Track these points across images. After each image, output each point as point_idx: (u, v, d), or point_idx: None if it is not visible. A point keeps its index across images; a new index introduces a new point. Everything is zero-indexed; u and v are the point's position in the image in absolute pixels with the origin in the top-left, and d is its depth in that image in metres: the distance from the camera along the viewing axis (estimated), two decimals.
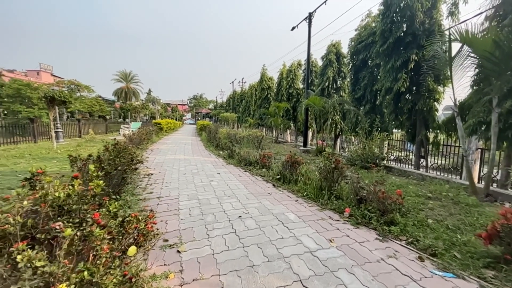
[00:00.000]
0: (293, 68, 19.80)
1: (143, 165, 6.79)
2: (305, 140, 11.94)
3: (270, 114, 17.06)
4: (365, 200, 3.76)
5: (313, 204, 4.09)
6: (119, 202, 3.30)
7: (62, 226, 1.54)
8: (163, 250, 2.56)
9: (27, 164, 7.11)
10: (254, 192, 4.65)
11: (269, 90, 24.30)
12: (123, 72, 48.73)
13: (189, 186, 5.00)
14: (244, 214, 3.52)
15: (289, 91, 19.24)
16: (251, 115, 27.64)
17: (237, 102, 37.04)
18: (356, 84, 10.86)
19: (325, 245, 2.71)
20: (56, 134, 12.45)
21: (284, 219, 3.37)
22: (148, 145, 12.31)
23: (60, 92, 10.38)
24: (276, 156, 8.99)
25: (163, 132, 21.15)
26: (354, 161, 7.58)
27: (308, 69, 12.84)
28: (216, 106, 65.77)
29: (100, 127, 20.12)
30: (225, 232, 2.95)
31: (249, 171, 6.70)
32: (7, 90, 30.02)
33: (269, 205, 3.94)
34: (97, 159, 3.23)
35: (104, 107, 42.50)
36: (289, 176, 5.41)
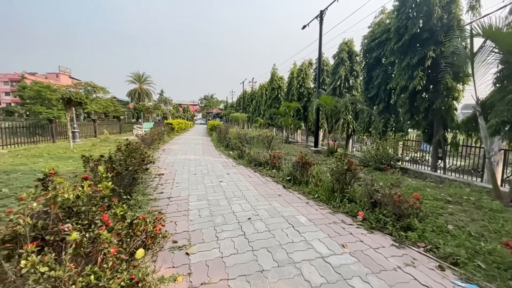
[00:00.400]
0: (304, 67, 19.55)
1: (154, 165, 6.88)
2: (316, 140, 11.74)
3: (280, 114, 16.93)
4: (380, 204, 3.61)
5: (324, 207, 3.98)
6: (127, 203, 3.33)
7: (71, 228, 1.54)
8: (172, 252, 2.54)
9: (45, 163, 7.37)
10: (264, 194, 4.59)
11: (280, 90, 24.14)
12: (136, 73, 49.99)
13: (199, 187, 5.00)
14: (253, 216, 3.46)
15: (299, 90, 19.02)
16: (261, 115, 27.58)
17: (247, 102, 37.08)
18: (369, 82, 10.56)
19: (337, 250, 2.60)
20: (73, 134, 12.89)
21: (294, 222, 3.29)
22: (159, 145, 12.50)
23: (77, 94, 10.74)
24: (287, 157, 8.88)
25: (174, 132, 21.48)
26: (368, 162, 7.35)
27: (320, 68, 12.62)
28: (227, 106, 66.20)
29: (114, 127, 20.68)
30: (234, 235, 2.90)
31: (259, 171, 6.64)
32: (29, 92, 31.55)
33: (279, 207, 3.86)
34: (108, 159, 3.27)
35: (118, 107, 43.79)
36: (300, 177, 5.30)
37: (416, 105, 7.35)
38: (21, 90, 36.28)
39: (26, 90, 33.09)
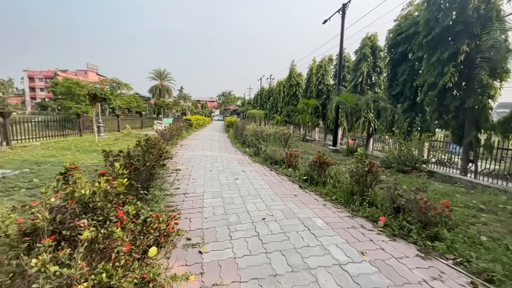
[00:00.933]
0: (323, 63, 19.01)
1: (172, 160, 7.02)
2: (335, 139, 11.38)
3: (298, 111, 16.63)
4: (404, 209, 3.38)
5: (342, 210, 3.81)
6: (144, 198, 3.39)
7: (86, 224, 1.56)
8: (185, 249, 2.54)
9: (72, 155, 7.80)
10: (279, 193, 4.49)
11: (298, 87, 23.72)
12: (157, 70, 51.56)
13: (214, 184, 5.01)
14: (268, 217, 3.39)
15: (318, 87, 18.54)
16: (278, 112, 27.32)
17: (265, 99, 36.88)
18: (393, 79, 10.00)
19: (356, 258, 2.46)
20: (98, 128, 13.57)
21: (310, 225, 3.17)
22: (178, 140, 12.80)
23: (101, 90, 11.25)
24: (303, 155, 8.69)
25: (192, 128, 21.91)
26: (390, 164, 6.98)
27: (340, 64, 12.15)
28: (244, 102, 66.43)
29: (136, 122, 21.51)
30: (247, 235, 2.85)
31: (275, 170, 6.55)
32: (61, 88, 33.64)
33: (294, 208, 3.75)
34: (127, 155, 3.34)
35: (140, 103, 45.50)
36: (317, 177, 5.14)
37: (445, 103, 6.83)
38: (54, 86, 38.79)
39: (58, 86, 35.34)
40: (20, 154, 7.74)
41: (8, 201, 3.82)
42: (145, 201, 3.59)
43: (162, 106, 41.94)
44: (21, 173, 5.43)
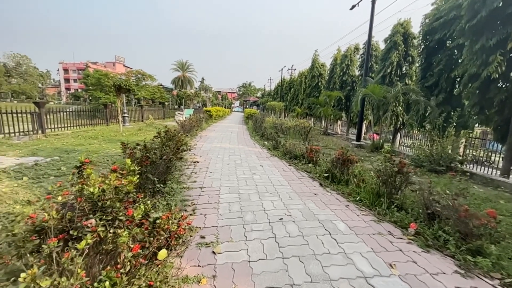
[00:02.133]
0: (349, 53, 17.99)
1: (190, 152, 7.05)
2: (359, 134, 10.78)
3: (320, 103, 16.00)
4: (439, 217, 3.02)
5: (367, 213, 3.51)
6: (156, 195, 3.35)
7: (94, 224, 1.49)
8: (198, 248, 2.46)
9: (99, 145, 8.15)
10: (299, 191, 4.28)
11: (320, 78, 22.80)
12: (180, 61, 52.46)
13: (231, 178, 4.91)
14: (286, 217, 3.21)
15: (342, 78, 17.66)
16: (299, 104, 26.61)
17: (285, 91, 36.10)
18: (427, 69, 9.12)
19: (383, 271, 2.21)
20: (123, 118, 14.12)
21: (332, 229, 2.94)
22: (197, 131, 12.93)
23: (126, 81, 11.58)
24: (325, 150, 8.32)
25: (212, 119, 22.10)
26: (421, 162, 6.42)
27: (368, 52, 11.32)
28: (264, 94, 65.79)
29: (159, 113, 22.13)
30: (264, 236, 2.70)
31: (294, 165, 6.31)
32: (91, 79, 35.54)
33: (314, 209, 3.53)
34: (143, 148, 3.32)
35: (163, 94, 46.81)
36: (339, 175, 4.83)
37: (488, 96, 6.06)
38: (85, 78, 41.06)
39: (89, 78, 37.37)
40: (53, 142, 8.24)
41: (37, 188, 4.01)
42: (162, 194, 3.58)
43: (183, 97, 42.82)
44: (51, 161, 5.73)
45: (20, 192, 3.84)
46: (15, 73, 54.27)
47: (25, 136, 8.72)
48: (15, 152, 6.49)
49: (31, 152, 6.44)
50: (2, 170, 4.82)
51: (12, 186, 4.07)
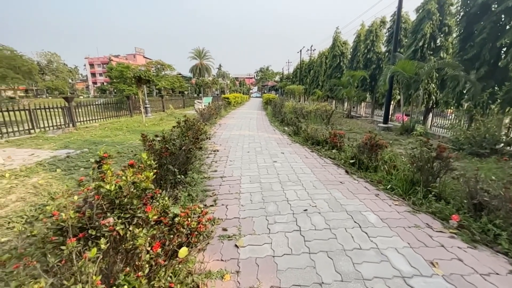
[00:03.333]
0: (374, 27, 16.60)
1: (210, 140, 7.04)
2: (387, 116, 10.05)
3: (342, 84, 15.12)
4: (487, 208, 2.66)
5: (400, 203, 3.22)
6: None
7: (112, 222, 1.43)
8: (221, 241, 2.40)
9: (123, 136, 8.44)
10: (323, 179, 4.05)
11: (342, 57, 21.50)
12: (197, 49, 52.36)
13: (252, 167, 4.80)
14: (310, 208, 3.04)
15: (367, 56, 16.46)
16: (319, 87, 25.53)
17: (305, 73, 34.73)
18: (467, 40, 8.06)
19: (424, 270, 1.98)
20: (145, 109, 14.52)
21: (361, 221, 2.72)
22: (216, 119, 12.93)
23: (145, 72, 11.73)
24: (349, 135, 7.89)
25: (231, 107, 22.03)
26: (460, 145, 5.81)
27: (398, 24, 10.22)
28: (282, 78, 64.09)
29: (179, 102, 22.50)
30: (288, 229, 2.57)
31: (317, 151, 6.03)
32: (115, 72, 36.84)
33: (341, 198, 3.31)
34: (162, 139, 3.27)
35: (183, 83, 47.44)
36: (367, 161, 4.50)
37: None
38: (109, 71, 42.65)
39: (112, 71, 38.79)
40: (83, 134, 8.69)
41: (69, 179, 4.22)
42: (183, 185, 3.57)
43: (202, 85, 43.07)
44: (81, 153, 6.02)
45: (53, 184, 4.07)
46: (47, 71, 57.95)
47: (59, 130, 9.28)
48: (49, 145, 6.92)
49: (63, 145, 6.82)
50: (38, 162, 5.15)
51: (47, 178, 4.32)
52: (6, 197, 3.58)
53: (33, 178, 4.33)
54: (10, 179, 4.26)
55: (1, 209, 3.24)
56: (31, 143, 7.23)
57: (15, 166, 4.89)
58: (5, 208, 3.27)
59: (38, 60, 54.52)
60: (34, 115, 8.77)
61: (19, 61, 39.20)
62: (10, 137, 7.89)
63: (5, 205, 3.34)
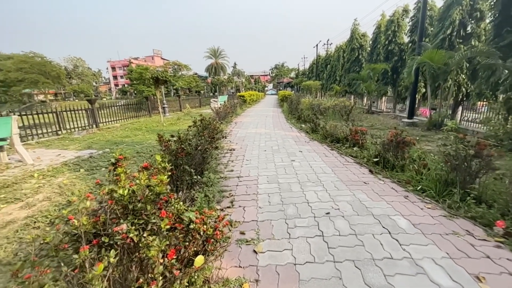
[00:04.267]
0: (395, 17, 15.72)
1: (226, 139, 6.98)
2: (412, 110, 9.44)
3: (362, 78, 14.47)
4: None
5: (434, 206, 2.93)
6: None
7: (125, 229, 1.36)
8: (239, 245, 2.29)
9: (142, 135, 8.64)
10: (345, 179, 3.82)
11: (361, 50, 20.65)
12: (212, 48, 52.86)
13: (269, 166, 4.66)
14: (333, 211, 2.84)
15: (388, 48, 15.64)
16: (336, 82, 24.75)
17: (321, 68, 33.86)
18: (503, 25, 7.30)
19: (468, 285, 1.74)
20: (163, 109, 14.84)
21: (391, 226, 2.49)
22: (232, 118, 12.91)
23: (163, 73, 11.96)
24: (371, 131, 7.49)
25: (246, 104, 21.97)
26: (499, 141, 5.27)
27: (424, 11, 9.49)
28: (298, 74, 63.06)
29: (195, 101, 22.81)
30: (309, 234, 2.40)
31: (337, 149, 5.76)
32: (134, 74, 38.22)
33: (366, 201, 3.08)
34: (177, 139, 3.22)
35: (199, 83, 48.20)
36: (393, 160, 4.19)
37: None
38: (129, 73, 44.32)
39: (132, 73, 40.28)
40: (105, 135, 9.01)
41: (91, 179, 4.33)
42: (200, 185, 3.51)
43: (217, 84, 43.48)
44: (103, 153, 6.21)
45: (77, 184, 4.20)
46: (74, 75, 61.33)
47: (83, 131, 9.71)
48: (75, 146, 7.23)
49: (87, 146, 7.09)
50: (64, 163, 5.37)
51: (71, 178, 4.47)
52: (34, 196, 3.73)
53: (58, 178, 4.49)
54: (38, 179, 4.45)
55: (29, 209, 3.38)
56: (58, 144, 7.60)
57: (43, 166, 5.12)
58: (32, 207, 3.40)
59: (65, 65, 57.83)
60: (61, 117, 9.23)
61: (49, 66, 41.90)
62: (40, 139, 8.36)
63: (32, 204, 3.47)
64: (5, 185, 4.13)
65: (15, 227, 2.87)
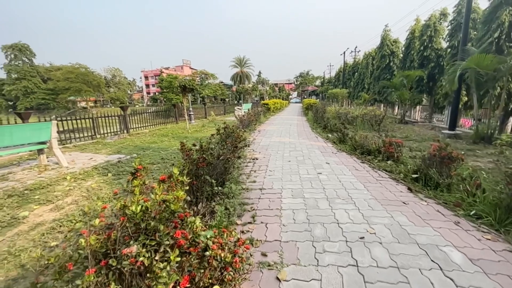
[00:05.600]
0: (432, 21, 14.78)
1: (249, 148, 6.84)
2: (453, 120, 8.54)
3: (394, 86, 13.62)
4: None
5: (494, 237, 2.43)
6: (221, 192, 3.09)
7: (135, 251, 1.22)
8: (260, 270, 2.05)
9: (168, 142, 8.86)
10: (380, 198, 3.41)
11: (392, 57, 19.67)
12: (238, 57, 54.19)
13: (294, 178, 4.38)
14: (368, 235, 2.49)
15: (423, 54, 14.66)
16: (365, 90, 23.73)
17: (348, 76, 32.85)
18: None
19: None
20: (189, 116, 15.27)
21: (442, 260, 2.08)
22: (256, 126, 12.82)
23: (189, 81, 12.33)
24: (406, 142, 6.85)
25: (270, 112, 21.86)
26: None
27: (468, 13, 8.69)
28: (324, 82, 61.98)
29: (220, 109, 23.27)
30: (341, 262, 2.09)
31: (368, 162, 5.29)
32: (165, 83, 40.46)
33: (407, 225, 2.67)
34: (199, 149, 3.12)
35: (224, 91, 49.50)
36: (437, 177, 3.68)
37: None
38: (160, 82, 46.94)
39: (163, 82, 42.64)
40: (134, 140, 9.40)
41: (116, 185, 4.41)
42: (221, 196, 3.36)
43: (242, 92, 44.21)
44: (130, 158, 6.41)
45: (103, 188, 4.30)
46: (112, 84, 66.57)
47: (115, 136, 10.25)
48: (106, 150, 7.59)
49: (116, 150, 7.40)
50: (94, 166, 5.60)
51: (99, 182, 4.60)
52: (63, 199, 3.87)
53: (88, 182, 4.65)
54: (70, 182, 4.65)
55: (58, 211, 3.48)
56: (92, 147, 8.05)
57: (76, 169, 5.38)
58: (60, 210, 3.50)
59: (105, 75, 63.08)
60: (96, 122, 9.85)
61: (91, 76, 46.12)
62: (77, 142, 8.96)
63: (61, 207, 3.58)
64: (41, 186, 4.36)
65: (43, 230, 2.94)
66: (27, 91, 45.68)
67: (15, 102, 47.78)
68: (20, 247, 2.52)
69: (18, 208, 3.56)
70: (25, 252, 2.42)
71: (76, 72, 43.96)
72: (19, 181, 4.68)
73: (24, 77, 45.57)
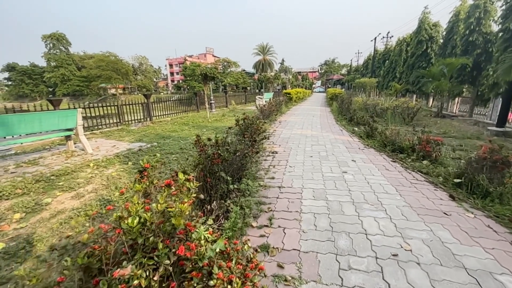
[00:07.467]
0: (482, 0, 12.93)
1: (269, 140, 6.57)
2: (504, 116, 7.50)
3: (432, 75, 12.34)
4: None
5: None
6: (238, 188, 2.87)
7: (127, 275, 1.04)
8: (275, 283, 1.84)
9: (188, 131, 8.86)
10: (416, 205, 2.99)
11: (430, 42, 17.83)
12: (261, 45, 53.00)
13: (316, 176, 4.05)
14: (403, 252, 2.15)
15: (468, 38, 13.05)
16: (396, 79, 21.97)
17: (378, 64, 30.64)
18: None
19: None
20: (210, 105, 15.24)
21: None
22: (277, 116, 12.43)
23: (211, 70, 12.16)
24: (445, 140, 6.13)
25: (292, 102, 21.21)
26: None
27: None
28: (350, 70, 58.76)
29: (241, 98, 23.02)
30: (370, 285, 1.79)
31: (400, 161, 4.78)
32: (188, 71, 40.93)
33: (451, 242, 2.27)
34: (215, 143, 2.91)
35: (246, 79, 49.05)
36: (486, 184, 3.16)
37: None
38: (184, 70, 47.60)
39: (186, 70, 43.20)
40: (156, 128, 9.55)
41: (135, 174, 4.42)
42: (236, 193, 3.17)
43: (264, 80, 43.43)
44: (151, 147, 6.46)
45: (122, 178, 4.33)
46: (139, 71, 69.02)
47: (139, 123, 10.52)
48: (129, 137, 7.77)
49: (138, 138, 7.54)
50: (116, 154, 5.71)
51: (119, 171, 4.66)
52: (84, 187, 3.94)
53: (109, 169, 4.73)
54: (93, 169, 4.76)
55: (78, 199, 3.54)
56: (116, 135, 8.29)
57: (99, 157, 5.52)
58: (80, 198, 3.55)
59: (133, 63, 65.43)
60: (120, 110, 10.14)
61: (120, 64, 48.08)
62: (103, 129, 9.31)
63: (81, 195, 3.64)
64: (66, 173, 4.50)
65: (62, 218, 2.98)
66: (64, 78, 49.04)
67: (54, 88, 51.66)
68: (38, 236, 2.54)
69: (43, 194, 3.67)
70: (41, 243, 2.44)
71: (107, 60, 46.07)
72: (47, 166, 4.88)
73: (61, 65, 48.86)
